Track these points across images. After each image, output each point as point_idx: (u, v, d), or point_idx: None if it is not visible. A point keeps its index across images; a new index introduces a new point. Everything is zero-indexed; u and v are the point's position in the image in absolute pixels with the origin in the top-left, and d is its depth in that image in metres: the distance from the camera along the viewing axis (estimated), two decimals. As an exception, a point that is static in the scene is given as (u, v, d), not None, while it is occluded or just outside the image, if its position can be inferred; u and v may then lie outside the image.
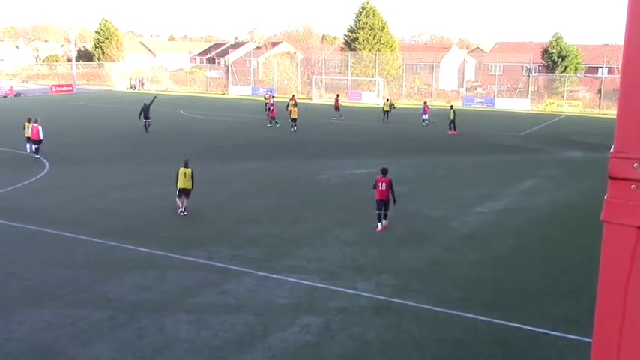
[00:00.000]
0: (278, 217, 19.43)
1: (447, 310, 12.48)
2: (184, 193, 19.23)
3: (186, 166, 19.35)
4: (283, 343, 11.05)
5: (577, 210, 20.65)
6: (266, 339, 11.21)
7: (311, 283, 13.90)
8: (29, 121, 29.39)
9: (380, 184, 18.08)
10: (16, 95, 65.60)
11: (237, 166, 26.56)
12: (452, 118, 39.40)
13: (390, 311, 12.60)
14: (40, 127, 28.65)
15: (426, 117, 43.54)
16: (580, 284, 13.91)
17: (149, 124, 37.14)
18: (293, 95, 49.08)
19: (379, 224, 18.23)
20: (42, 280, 14.01)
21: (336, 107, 47.22)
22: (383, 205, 18.14)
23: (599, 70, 65.32)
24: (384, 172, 18.35)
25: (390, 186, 17.97)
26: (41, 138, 28.48)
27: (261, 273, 14.46)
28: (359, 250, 16.28)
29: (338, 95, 50.81)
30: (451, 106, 41.99)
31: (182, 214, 19.22)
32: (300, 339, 11.25)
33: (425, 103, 45.99)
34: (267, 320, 11.99)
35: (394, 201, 18.18)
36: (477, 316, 12.22)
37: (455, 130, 39.09)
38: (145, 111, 37.20)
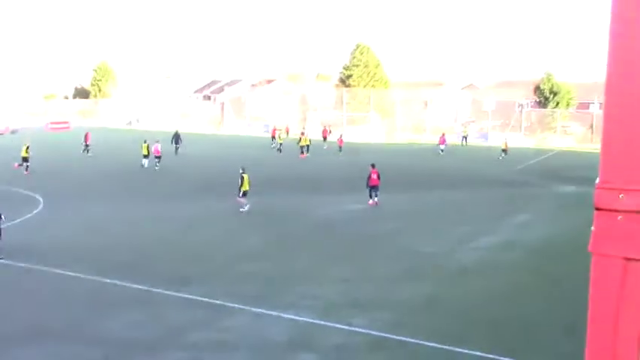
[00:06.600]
0: (273, 254, 19.36)
1: (443, 346, 12.37)
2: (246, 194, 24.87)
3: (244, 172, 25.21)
4: (279, 381, 10.92)
5: (571, 243, 20.61)
6: (262, 377, 11.07)
7: (307, 320, 13.79)
8: (145, 142, 38.75)
9: (372, 175, 26.50)
10: (12, 132, 62.48)
11: (233, 203, 26.48)
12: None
13: (386, 348, 12.48)
14: (159, 146, 38.48)
15: (442, 147, 49.27)
16: (575, 318, 13.79)
17: (178, 148, 45.11)
18: (287, 126, 60.31)
19: (370, 200, 26.27)
20: (36, 318, 13.86)
21: (324, 138, 54.10)
22: (374, 189, 26.32)
23: (591, 106, 66.02)
24: (373, 165, 26.80)
25: (378, 175, 26.41)
26: (160, 154, 38.07)
27: (257, 310, 14.34)
28: (354, 287, 16.19)
29: (324, 127, 57.29)
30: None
31: (245, 209, 24.41)
32: (296, 376, 11.11)
33: (443, 134, 51.70)
34: (263, 358, 11.87)
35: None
36: (473, 352, 12.11)
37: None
38: (177, 137, 46.02)
